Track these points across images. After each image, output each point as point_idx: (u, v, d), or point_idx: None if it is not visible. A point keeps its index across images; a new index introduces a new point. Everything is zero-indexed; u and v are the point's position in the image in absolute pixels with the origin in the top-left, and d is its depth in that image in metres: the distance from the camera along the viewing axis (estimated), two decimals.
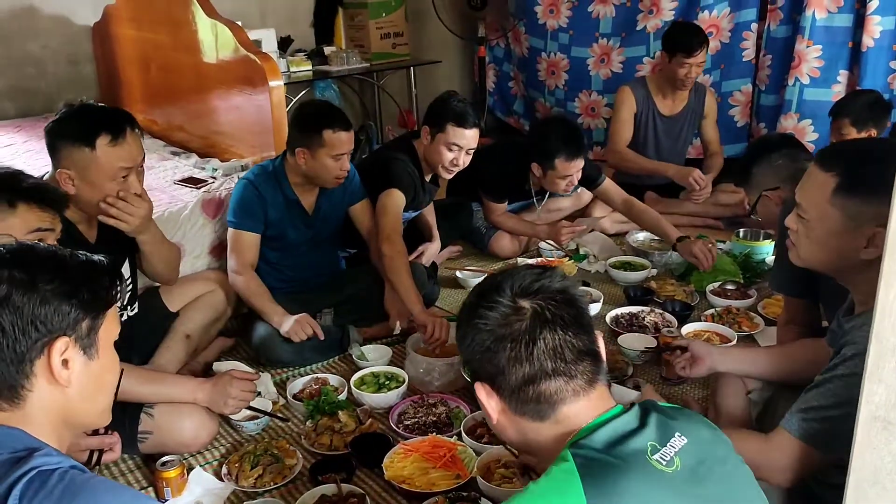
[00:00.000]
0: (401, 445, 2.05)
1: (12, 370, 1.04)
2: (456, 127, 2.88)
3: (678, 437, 1.09)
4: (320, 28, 5.14)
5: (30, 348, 1.04)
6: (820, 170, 1.53)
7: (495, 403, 1.17)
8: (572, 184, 3.26)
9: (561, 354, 1.12)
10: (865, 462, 1.02)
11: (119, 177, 2.07)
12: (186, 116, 3.83)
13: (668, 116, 3.85)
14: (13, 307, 1.03)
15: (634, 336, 2.64)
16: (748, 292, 2.96)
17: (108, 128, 2.04)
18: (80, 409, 1.12)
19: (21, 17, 4.17)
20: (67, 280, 1.08)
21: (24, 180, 1.73)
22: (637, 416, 1.12)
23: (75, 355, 1.08)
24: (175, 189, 3.10)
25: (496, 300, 1.15)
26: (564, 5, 4.77)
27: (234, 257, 2.68)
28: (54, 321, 1.05)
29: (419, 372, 2.43)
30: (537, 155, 3.23)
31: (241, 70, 3.24)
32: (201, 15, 3.37)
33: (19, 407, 1.06)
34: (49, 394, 1.07)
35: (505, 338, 1.13)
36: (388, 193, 2.86)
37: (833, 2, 3.67)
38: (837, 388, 1.42)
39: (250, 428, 2.24)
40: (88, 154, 2.02)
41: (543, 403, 1.13)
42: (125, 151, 2.06)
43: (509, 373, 1.13)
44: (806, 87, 3.82)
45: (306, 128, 2.61)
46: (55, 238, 1.76)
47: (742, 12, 4.11)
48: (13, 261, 1.06)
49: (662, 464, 1.05)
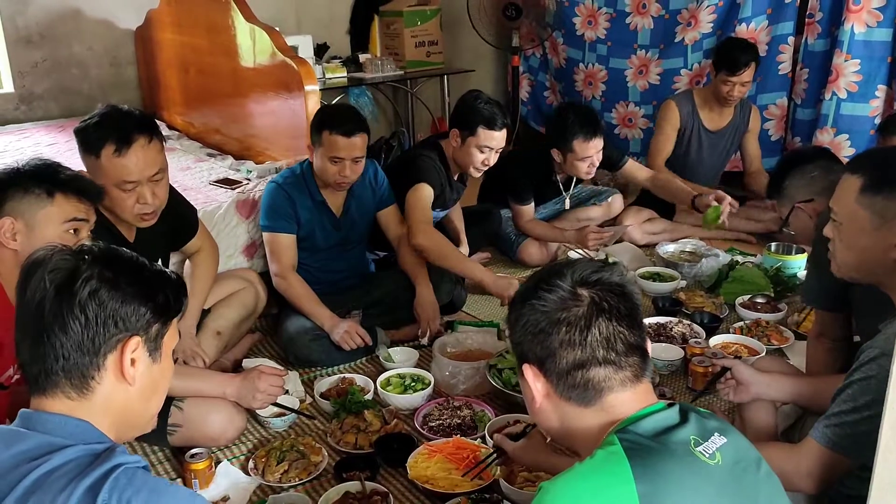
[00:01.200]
0: (425, 446, 2.07)
1: (87, 360, 1.09)
2: (487, 130, 2.92)
3: (718, 436, 1.12)
4: (356, 35, 5.21)
5: (106, 342, 1.09)
6: (849, 174, 1.57)
7: (541, 386, 1.18)
8: (593, 165, 3.33)
9: (613, 345, 1.14)
10: (889, 467, 1.02)
11: (125, 187, 2.06)
12: (223, 119, 3.91)
13: (712, 131, 3.80)
14: (99, 301, 1.08)
15: (662, 346, 2.63)
16: (778, 306, 2.93)
17: (115, 138, 2.02)
18: (136, 409, 1.17)
19: (67, 20, 4.29)
20: (146, 284, 1.14)
21: (61, 172, 1.78)
22: (678, 412, 1.14)
23: (142, 356, 1.13)
24: (210, 189, 3.16)
25: (557, 284, 1.17)
26: (602, 17, 4.78)
27: (274, 261, 2.72)
28: (131, 320, 1.11)
29: (445, 375, 2.44)
30: (556, 139, 3.31)
31: (277, 74, 3.30)
32: (240, 20, 3.44)
33: (86, 398, 1.10)
34: (114, 389, 1.12)
35: (561, 321, 1.14)
36: (415, 188, 2.90)
37: (872, 16, 3.63)
38: (855, 392, 1.42)
39: (277, 424, 2.27)
40: (94, 162, 2.05)
41: (591, 389, 1.14)
42: (129, 164, 2.04)
43: (560, 356, 1.14)
44: (843, 102, 3.77)
45: (314, 126, 2.69)
46: (89, 228, 1.81)
47: (779, 25, 4.08)
48: (101, 260, 1.12)
49: (705, 456, 1.07)
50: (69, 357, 1.08)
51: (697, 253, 3.46)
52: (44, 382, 1.10)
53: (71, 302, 1.07)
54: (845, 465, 1.46)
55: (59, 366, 1.08)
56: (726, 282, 3.12)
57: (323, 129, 2.63)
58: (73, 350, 1.08)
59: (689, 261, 3.39)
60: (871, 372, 1.40)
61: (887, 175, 1.52)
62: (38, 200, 1.73)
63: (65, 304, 1.07)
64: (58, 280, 1.08)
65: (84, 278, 1.08)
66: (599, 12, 4.80)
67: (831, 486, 1.50)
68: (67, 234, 1.76)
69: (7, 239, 1.71)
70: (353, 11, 5.19)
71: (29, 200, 1.72)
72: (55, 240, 1.71)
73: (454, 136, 3.00)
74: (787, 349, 2.63)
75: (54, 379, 1.09)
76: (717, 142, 3.83)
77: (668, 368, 2.54)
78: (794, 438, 1.83)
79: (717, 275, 3.18)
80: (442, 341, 2.61)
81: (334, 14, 5.15)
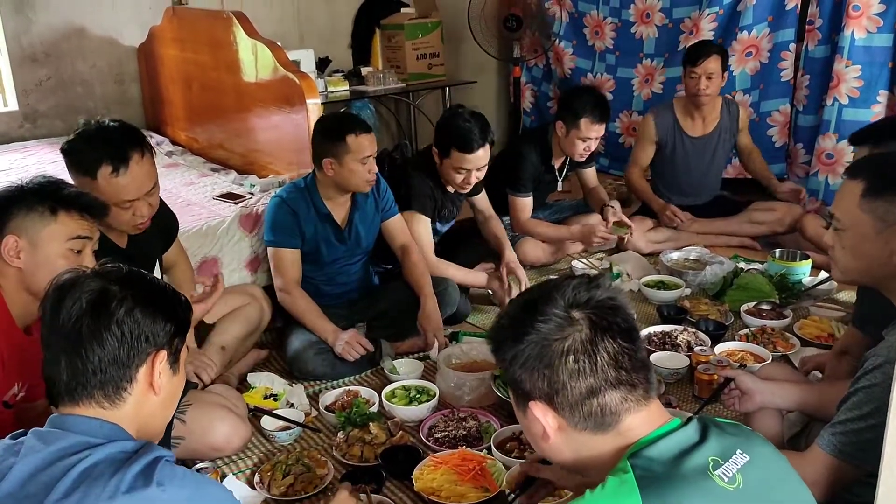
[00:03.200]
0: (430, 458, 2.06)
1: (121, 372, 1.19)
2: (459, 152, 2.89)
3: (740, 454, 1.06)
4: (358, 49, 5.24)
5: (138, 355, 1.19)
6: (850, 179, 1.56)
7: (552, 420, 1.11)
8: (589, 149, 3.41)
9: (622, 363, 1.08)
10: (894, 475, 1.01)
11: (124, 206, 2.08)
12: (226, 134, 3.92)
13: (696, 137, 3.76)
14: (134, 319, 1.19)
15: (667, 354, 2.62)
16: (783, 313, 2.92)
17: (111, 158, 2.02)
18: (157, 416, 1.26)
19: (71, 38, 4.32)
20: (167, 302, 1.26)
21: (65, 189, 1.78)
22: (697, 430, 1.09)
23: (166, 368, 1.24)
24: (214, 204, 3.17)
25: (550, 312, 1.09)
26: (608, 27, 4.82)
27: (278, 276, 2.73)
28: (160, 336, 1.22)
29: (450, 386, 2.44)
30: (564, 113, 3.36)
31: (280, 89, 3.32)
32: (242, 35, 3.46)
33: (117, 407, 1.19)
34: (143, 399, 1.22)
35: (566, 351, 1.07)
36: (411, 218, 2.97)
37: (872, 22, 3.63)
38: (861, 400, 1.42)
39: (283, 438, 2.27)
40: (90, 183, 2.03)
41: (608, 415, 1.08)
42: (127, 184, 2.05)
43: (572, 386, 1.07)
44: (845, 108, 3.77)
45: (329, 137, 2.66)
46: (93, 246, 1.81)
47: (780, 32, 4.09)
48: (128, 280, 1.24)
49: (724, 480, 1.02)
50: (106, 371, 1.17)
51: (702, 261, 3.46)
52: (79, 394, 1.18)
53: (109, 320, 1.17)
54: (852, 473, 1.45)
55: (97, 379, 1.17)
56: (731, 289, 3.12)
57: (345, 134, 2.62)
58: (109, 364, 1.17)
59: (694, 269, 3.38)
60: (876, 380, 1.40)
61: (888, 179, 1.52)
62: (42, 218, 1.73)
63: (102, 322, 1.17)
64: (93, 299, 1.18)
65: (120, 298, 1.19)
66: (605, 22, 4.84)
67: (838, 494, 1.49)
68: (71, 251, 1.75)
69: (11, 257, 1.71)
70: (354, 25, 5.22)
71: (32, 218, 1.72)
72: (59, 257, 1.73)
73: (434, 153, 3.00)
74: (793, 356, 2.62)
75: (90, 391, 1.18)
76: (704, 147, 3.77)
77: (673, 377, 2.53)
78: (801, 446, 1.81)
79: (722, 282, 3.18)
80: (447, 353, 2.60)
81: (336, 28, 5.18)
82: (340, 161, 2.65)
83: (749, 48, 4.16)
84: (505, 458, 2.05)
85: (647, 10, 4.64)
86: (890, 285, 1.57)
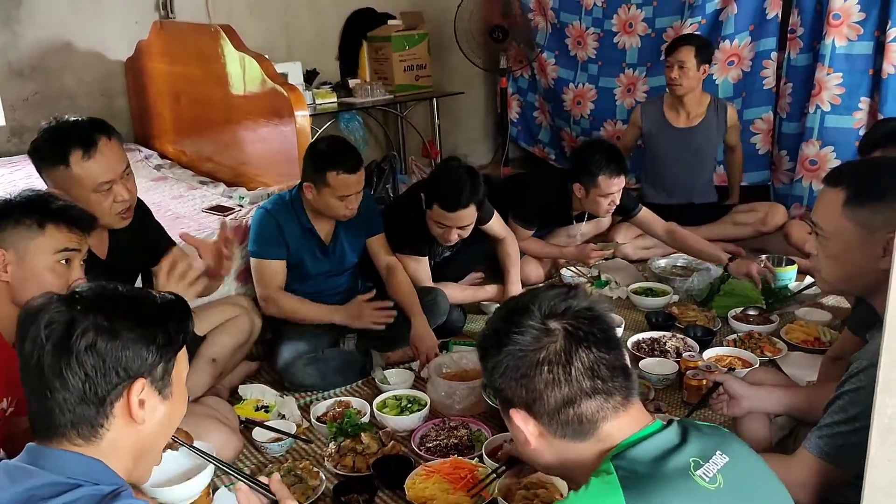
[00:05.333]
0: (422, 467, 2.07)
1: (93, 410, 1.09)
2: (441, 209, 2.80)
3: (720, 455, 1.09)
4: (345, 61, 5.26)
5: (111, 391, 1.09)
6: (830, 187, 1.57)
7: (532, 428, 1.15)
8: (614, 203, 3.28)
9: (598, 372, 1.11)
10: (880, 474, 1.03)
11: (102, 189, 2.07)
12: (215, 147, 3.93)
13: (679, 128, 3.83)
14: (97, 353, 1.08)
15: (656, 361, 2.64)
16: (770, 318, 2.95)
17: (80, 143, 2.02)
18: (152, 444, 1.17)
19: (58, 53, 4.32)
20: (145, 325, 1.12)
21: (53, 202, 1.78)
22: (678, 432, 1.12)
23: (151, 395, 1.13)
24: (203, 217, 3.18)
25: (526, 324, 1.13)
26: (591, 37, 4.87)
27: (260, 285, 2.72)
28: (133, 366, 1.10)
29: (441, 395, 2.45)
30: (580, 174, 3.25)
31: (268, 101, 3.34)
32: (230, 49, 3.47)
33: (94, 444, 1.11)
34: (125, 431, 1.12)
35: (541, 362, 1.11)
36: (406, 259, 2.97)
37: (853, 30, 3.69)
38: (846, 403, 1.44)
39: (275, 450, 2.27)
40: (64, 172, 2.03)
41: (585, 423, 1.11)
42: (101, 164, 2.05)
43: (548, 396, 1.11)
44: (827, 115, 3.82)
45: (314, 165, 2.64)
46: (82, 258, 1.81)
47: (762, 41, 4.14)
48: (96, 306, 1.11)
49: (705, 480, 1.05)
50: (74, 411, 1.08)
51: (689, 267, 3.49)
52: (52, 433, 1.10)
53: (68, 358, 1.07)
54: (839, 476, 1.47)
55: (67, 419, 1.08)
56: (718, 295, 3.15)
57: (328, 170, 2.59)
58: (76, 404, 1.08)
59: (681, 275, 3.41)
60: (861, 383, 1.41)
61: (870, 186, 1.53)
62: (29, 231, 1.73)
63: (62, 361, 1.07)
64: (54, 336, 1.08)
65: (80, 332, 1.07)
66: (588, 32, 4.88)
67: (825, 497, 1.50)
68: (59, 264, 1.76)
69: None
70: (341, 38, 5.25)
71: (20, 231, 1.72)
72: (46, 270, 1.73)
73: (423, 200, 2.92)
74: (781, 360, 2.65)
75: (62, 430, 1.09)
76: (689, 139, 3.81)
77: (662, 383, 2.55)
78: (788, 449, 1.83)
79: (709, 288, 3.21)
80: (437, 362, 2.61)
81: (323, 41, 5.20)
82: (319, 191, 2.64)
83: (731, 57, 4.21)
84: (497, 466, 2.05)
85: (629, 21, 4.68)
86: (873, 292, 1.59)
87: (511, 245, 3.28)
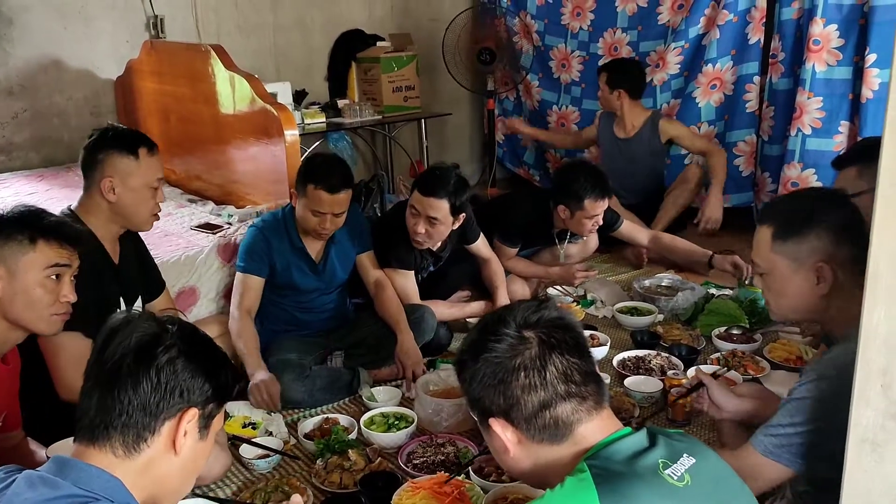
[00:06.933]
0: (409, 483, 2.07)
1: (146, 420, 1.15)
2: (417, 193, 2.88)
3: (686, 457, 1.15)
4: (334, 82, 5.31)
5: (168, 408, 1.16)
6: (760, 225, 1.70)
7: (511, 434, 1.20)
8: (598, 224, 3.36)
9: (571, 377, 1.17)
10: (857, 485, 1.06)
11: (154, 185, 2.30)
12: (204, 166, 3.95)
13: (621, 139, 4.28)
14: (173, 369, 1.16)
15: (641, 379, 2.67)
16: (753, 337, 2.99)
17: (145, 141, 2.32)
18: (173, 480, 1.20)
19: (48, 71, 4.33)
20: (212, 361, 1.22)
21: (44, 218, 1.80)
22: (646, 436, 1.17)
23: (193, 430, 1.19)
24: (191, 234, 3.18)
25: (503, 332, 1.20)
26: (576, 60, 4.94)
27: (235, 298, 2.73)
28: (195, 394, 1.18)
29: (428, 412, 2.46)
30: (564, 197, 3.29)
31: (257, 120, 3.36)
32: (220, 68, 3.50)
33: (132, 458, 1.15)
34: (160, 456, 1.17)
35: (517, 368, 1.17)
36: (393, 274, 3.01)
37: (832, 55, 3.77)
38: (792, 409, 1.56)
39: (262, 466, 2.27)
40: (133, 162, 2.25)
41: (561, 426, 1.17)
42: (158, 163, 2.33)
43: (525, 401, 1.17)
44: (808, 138, 3.89)
45: (300, 175, 2.71)
46: (72, 274, 1.82)
47: (744, 65, 4.23)
48: (181, 330, 1.21)
49: (674, 478, 1.10)
50: (132, 414, 1.13)
51: (674, 287, 3.53)
52: (99, 433, 1.14)
53: (149, 364, 1.14)
54: (778, 473, 1.58)
55: (121, 421, 1.13)
56: (702, 314, 3.18)
57: (308, 181, 2.64)
58: (137, 409, 1.13)
59: (666, 294, 3.45)
60: (807, 393, 1.52)
61: (791, 221, 1.64)
62: (21, 246, 1.74)
63: (143, 365, 1.14)
64: (142, 341, 1.16)
65: (167, 345, 1.16)
66: (573, 55, 4.96)
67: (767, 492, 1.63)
68: (49, 279, 1.77)
69: None
70: (330, 58, 5.30)
71: (11, 247, 1.74)
72: (36, 286, 1.74)
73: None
74: (764, 379, 2.68)
75: (110, 432, 1.14)
76: (628, 149, 4.26)
77: (647, 401, 2.57)
78: None
79: (693, 308, 3.24)
80: (424, 380, 2.63)
81: (312, 62, 5.25)
82: (299, 201, 2.70)
83: (714, 80, 4.30)
84: (483, 482, 2.07)
85: (614, 44, 4.77)
86: (819, 317, 1.69)
87: (497, 265, 3.32)
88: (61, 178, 4.03)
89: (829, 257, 1.59)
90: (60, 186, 3.88)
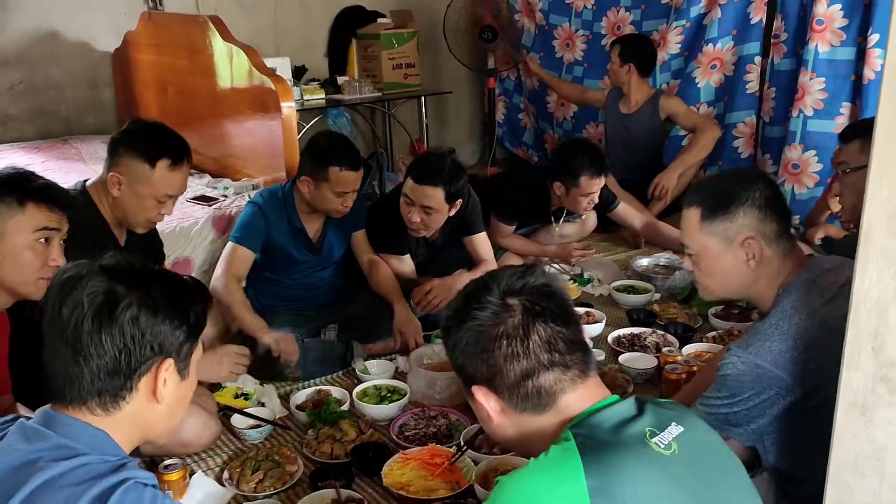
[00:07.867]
0: (400, 454, 2.07)
1: (120, 382, 1.11)
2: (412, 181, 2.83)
3: (675, 426, 1.13)
4: (334, 58, 5.27)
5: (141, 365, 1.12)
6: (686, 208, 1.72)
7: (494, 403, 1.18)
8: (593, 202, 3.35)
9: (555, 346, 1.15)
10: (845, 448, 1.05)
11: (161, 199, 2.21)
12: (201, 139, 3.92)
13: (624, 114, 4.32)
14: (139, 326, 1.10)
15: (636, 355, 2.66)
16: (750, 315, 2.98)
17: (171, 153, 2.20)
18: (160, 423, 1.20)
19: (44, 43, 4.30)
20: (179, 305, 1.15)
21: (33, 181, 1.78)
22: (634, 404, 1.15)
23: (173, 375, 1.16)
24: (187, 206, 3.17)
25: (486, 300, 1.17)
26: (580, 39, 4.90)
27: (222, 265, 2.70)
28: (166, 344, 1.13)
29: (421, 385, 2.45)
30: (561, 173, 3.29)
31: (254, 94, 3.34)
32: (218, 40, 3.47)
33: (112, 415, 1.12)
34: (143, 407, 1.14)
35: (500, 336, 1.15)
36: (388, 258, 2.99)
37: (835, 35, 3.73)
38: (718, 384, 1.64)
39: (253, 436, 2.27)
40: (147, 171, 2.17)
41: (544, 395, 1.15)
42: (176, 179, 2.23)
43: (508, 370, 1.15)
44: (810, 119, 3.86)
45: (315, 159, 2.66)
46: (61, 237, 1.81)
47: (746, 46, 4.18)
48: (136, 280, 1.13)
49: (661, 446, 1.08)
50: (104, 379, 1.10)
51: (671, 266, 3.51)
52: (73, 398, 1.11)
53: (111, 327, 1.09)
54: None
55: (94, 387, 1.10)
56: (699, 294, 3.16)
57: (330, 165, 2.61)
58: (108, 374, 1.10)
59: (663, 274, 3.43)
60: (727, 371, 1.59)
61: (718, 200, 1.67)
62: (9, 209, 1.72)
63: (104, 329, 1.09)
64: (97, 304, 1.09)
65: (125, 303, 1.10)
66: (577, 35, 4.92)
67: None
68: (38, 242, 1.75)
69: None
70: (330, 35, 5.26)
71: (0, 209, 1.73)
72: (25, 248, 1.73)
73: None
74: None
75: (84, 396, 1.11)
76: (628, 123, 4.31)
77: (641, 377, 2.57)
78: None
79: (690, 287, 3.23)
80: (419, 353, 2.62)
81: (312, 37, 5.21)
82: (317, 185, 2.65)
83: (714, 61, 4.26)
84: (475, 454, 2.06)
85: (618, 23, 4.72)
86: (751, 293, 1.72)
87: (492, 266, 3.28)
88: (57, 150, 4.01)
89: (757, 232, 1.63)
90: (56, 158, 3.86)
